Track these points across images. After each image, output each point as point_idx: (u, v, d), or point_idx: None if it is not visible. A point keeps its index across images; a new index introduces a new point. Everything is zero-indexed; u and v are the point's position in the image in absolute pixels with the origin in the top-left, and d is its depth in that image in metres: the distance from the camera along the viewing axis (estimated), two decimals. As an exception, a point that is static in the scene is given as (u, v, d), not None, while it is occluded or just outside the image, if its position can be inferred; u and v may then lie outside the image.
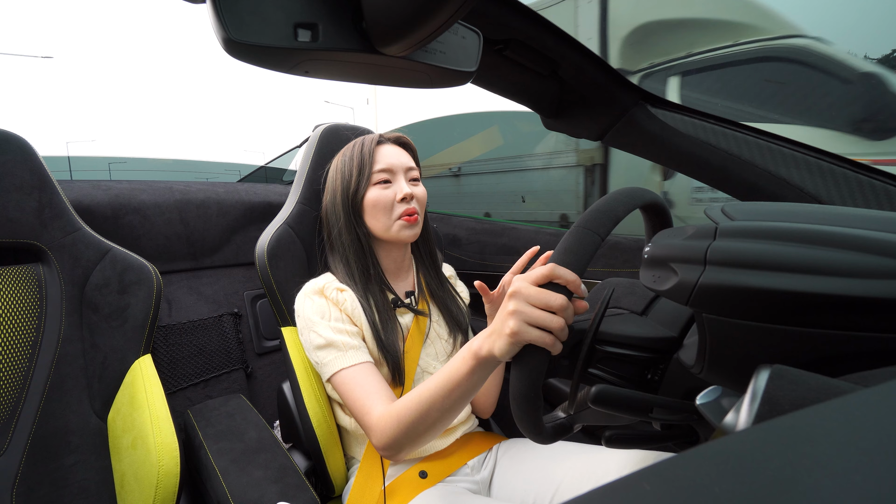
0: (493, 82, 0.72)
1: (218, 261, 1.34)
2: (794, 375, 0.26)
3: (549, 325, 0.43)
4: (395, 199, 0.78)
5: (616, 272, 1.09)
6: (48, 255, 0.77)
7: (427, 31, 0.33)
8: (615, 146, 0.78)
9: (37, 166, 0.77)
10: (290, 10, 0.34)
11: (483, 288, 0.76)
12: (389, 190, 0.79)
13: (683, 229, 0.47)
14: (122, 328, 0.79)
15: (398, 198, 0.78)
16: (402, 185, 0.79)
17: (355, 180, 0.79)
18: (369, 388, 0.68)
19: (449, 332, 0.87)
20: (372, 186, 0.79)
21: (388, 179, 0.79)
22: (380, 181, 0.79)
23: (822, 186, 0.61)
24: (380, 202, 0.78)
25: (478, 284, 0.75)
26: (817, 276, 0.34)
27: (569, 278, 0.43)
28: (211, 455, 0.78)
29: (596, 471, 0.71)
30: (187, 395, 1.17)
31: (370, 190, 0.79)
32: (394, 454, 0.63)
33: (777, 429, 0.16)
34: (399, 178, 0.80)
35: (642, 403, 0.45)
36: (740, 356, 0.41)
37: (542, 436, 0.46)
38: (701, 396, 0.38)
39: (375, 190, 0.79)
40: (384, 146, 0.81)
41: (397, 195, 0.78)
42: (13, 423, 0.70)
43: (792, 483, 0.12)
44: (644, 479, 0.14)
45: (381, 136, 0.83)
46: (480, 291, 0.77)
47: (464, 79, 0.45)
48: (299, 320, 0.77)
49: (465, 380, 0.53)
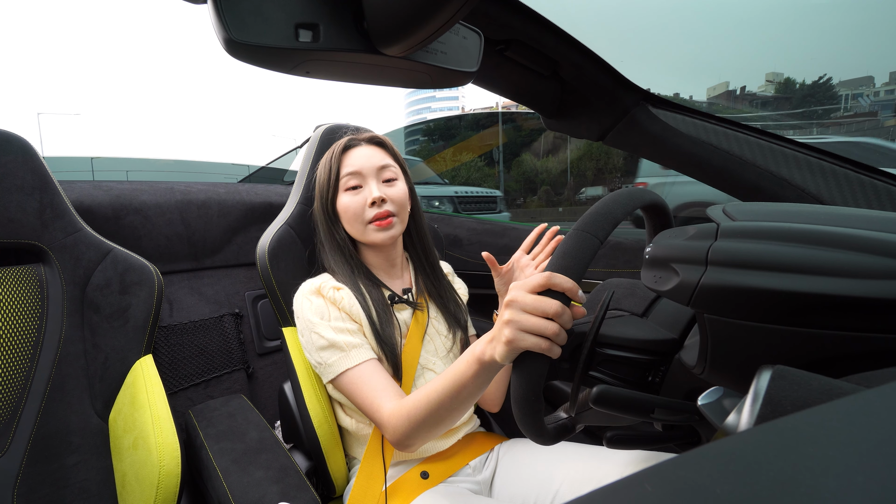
0: (495, 82, 0.72)
1: (219, 261, 1.34)
2: (796, 376, 0.26)
3: (544, 332, 0.44)
4: (365, 203, 0.78)
5: (617, 272, 1.09)
6: (49, 256, 0.77)
7: (428, 31, 0.33)
8: (616, 146, 0.78)
9: (38, 167, 0.77)
10: (291, 10, 0.34)
11: (492, 261, 0.81)
12: (359, 195, 0.78)
13: (685, 229, 0.47)
14: (124, 328, 0.79)
15: (368, 202, 0.77)
16: (372, 189, 0.78)
17: (326, 187, 0.80)
18: (376, 385, 0.69)
19: (448, 328, 0.87)
20: (343, 192, 0.79)
21: (357, 185, 0.79)
22: (349, 187, 0.79)
23: (824, 187, 0.61)
24: (350, 208, 0.78)
25: (486, 255, 0.80)
26: (819, 276, 0.34)
27: (565, 285, 0.43)
28: (212, 455, 0.78)
29: (597, 471, 0.71)
30: (188, 396, 1.17)
31: (341, 196, 0.79)
32: (406, 448, 0.66)
33: (779, 430, 0.15)
34: (369, 181, 0.79)
35: (644, 404, 0.45)
36: (742, 357, 0.41)
37: (543, 437, 0.46)
38: (702, 397, 0.38)
39: (346, 196, 0.79)
40: (354, 149, 0.81)
41: (367, 199, 0.77)
42: (14, 424, 0.70)
43: (794, 484, 0.12)
44: (645, 480, 0.14)
45: (352, 139, 0.82)
46: (489, 264, 0.81)
47: (465, 79, 0.46)
48: (299, 321, 0.77)
49: (470, 382, 0.55)
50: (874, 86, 9.08)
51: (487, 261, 0.81)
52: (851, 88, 8.95)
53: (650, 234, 0.58)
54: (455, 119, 9.43)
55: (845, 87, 9.08)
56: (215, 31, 0.32)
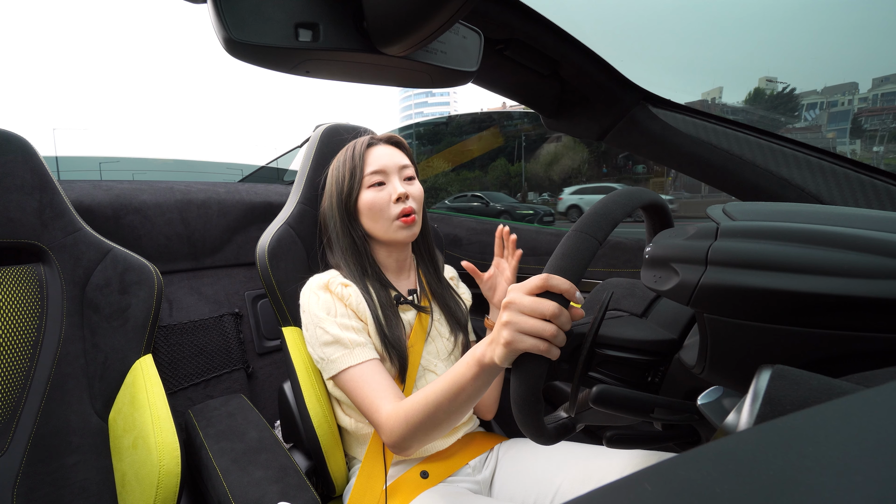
0: (494, 82, 0.72)
1: (219, 261, 1.34)
2: (796, 376, 0.26)
3: (542, 334, 0.44)
4: (390, 200, 0.78)
5: (617, 272, 1.09)
6: (49, 256, 0.77)
7: (428, 30, 0.33)
8: (616, 146, 0.78)
9: (38, 166, 0.77)
10: (290, 9, 0.34)
11: (473, 270, 0.84)
12: (384, 191, 0.79)
13: (684, 229, 0.47)
14: (123, 328, 0.79)
15: (393, 198, 0.78)
16: (396, 186, 0.79)
17: (348, 184, 0.80)
18: (376, 385, 0.69)
19: (450, 330, 0.87)
20: (366, 189, 0.79)
21: (381, 181, 0.79)
22: (373, 183, 0.79)
23: (824, 186, 0.61)
24: (375, 204, 0.78)
25: (466, 265, 0.83)
26: (819, 276, 0.34)
27: (563, 287, 0.43)
28: (212, 455, 0.78)
29: (597, 471, 0.71)
30: (188, 395, 1.17)
31: (364, 193, 0.79)
32: (403, 451, 0.66)
33: (778, 429, 0.15)
34: (393, 178, 0.80)
35: (643, 404, 0.45)
36: (742, 356, 0.41)
37: (543, 437, 0.46)
38: (702, 397, 0.38)
39: (370, 192, 0.79)
40: (376, 147, 0.82)
41: (392, 196, 0.78)
42: (14, 423, 0.70)
43: (793, 483, 0.12)
44: (645, 480, 0.14)
45: (373, 138, 0.83)
46: (471, 273, 0.84)
47: (464, 79, 0.46)
48: (304, 315, 0.77)
49: (469, 384, 0.55)
50: (857, 92, 9.07)
51: (469, 270, 0.84)
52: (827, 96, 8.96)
53: (650, 234, 0.58)
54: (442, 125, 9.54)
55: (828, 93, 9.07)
56: (215, 31, 0.32)
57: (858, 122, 8.39)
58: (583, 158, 9.48)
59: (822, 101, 9.04)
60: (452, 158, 8.25)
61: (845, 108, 8.87)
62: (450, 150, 8.34)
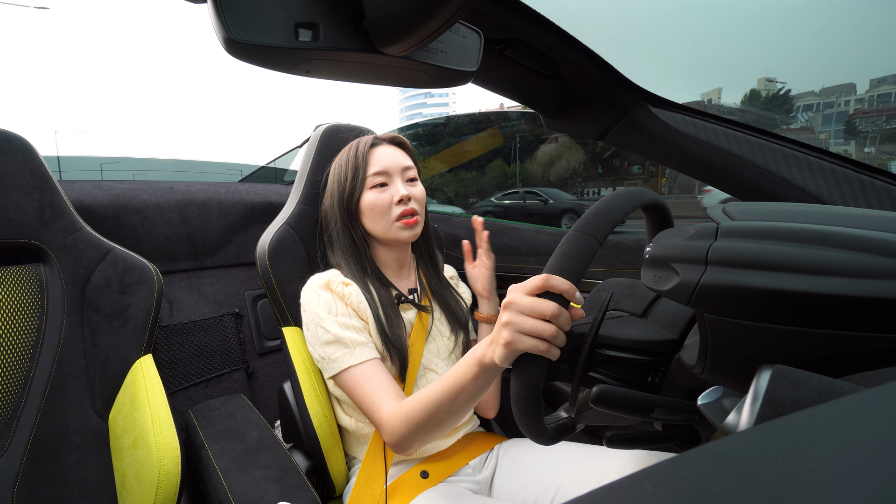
0: (494, 82, 0.72)
1: (219, 261, 1.34)
2: (796, 376, 0.26)
3: (542, 334, 0.44)
4: (392, 201, 0.78)
5: (617, 272, 1.09)
6: (49, 256, 0.77)
7: (428, 30, 0.33)
8: (616, 146, 0.78)
9: (38, 166, 0.77)
10: (290, 9, 0.34)
11: (468, 251, 0.94)
12: (386, 192, 0.79)
13: (685, 229, 0.47)
14: (124, 328, 0.79)
15: (395, 199, 0.78)
16: (399, 187, 0.79)
17: (350, 184, 0.80)
18: (377, 385, 0.69)
19: (451, 329, 0.87)
20: (368, 190, 0.79)
21: (384, 182, 0.79)
22: (376, 184, 0.79)
23: (824, 186, 0.61)
24: (377, 205, 0.78)
25: (464, 243, 0.94)
26: (819, 276, 0.34)
27: (562, 287, 0.43)
28: (212, 455, 0.78)
29: (597, 471, 0.71)
30: (188, 395, 1.17)
31: (366, 193, 0.79)
32: (404, 450, 0.66)
33: (779, 429, 0.15)
34: (395, 179, 0.80)
35: (643, 404, 0.45)
36: (742, 356, 0.41)
37: (543, 437, 0.46)
38: (702, 397, 0.38)
39: (372, 193, 0.79)
40: (379, 148, 0.81)
41: (394, 197, 0.78)
42: (14, 423, 0.70)
43: (794, 484, 0.12)
44: (645, 480, 0.14)
45: (376, 138, 0.83)
46: (465, 253, 0.95)
47: (464, 78, 0.45)
48: (305, 314, 0.77)
49: (470, 384, 0.55)
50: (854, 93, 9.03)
51: (464, 250, 0.94)
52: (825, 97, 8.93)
53: (650, 234, 0.58)
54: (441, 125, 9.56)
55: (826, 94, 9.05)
56: (215, 31, 0.32)
57: (852, 123, 8.39)
58: (579, 159, 9.55)
59: (817, 103, 9.03)
60: (450, 159, 8.28)
61: (841, 109, 8.87)
62: (447, 151, 8.36)
